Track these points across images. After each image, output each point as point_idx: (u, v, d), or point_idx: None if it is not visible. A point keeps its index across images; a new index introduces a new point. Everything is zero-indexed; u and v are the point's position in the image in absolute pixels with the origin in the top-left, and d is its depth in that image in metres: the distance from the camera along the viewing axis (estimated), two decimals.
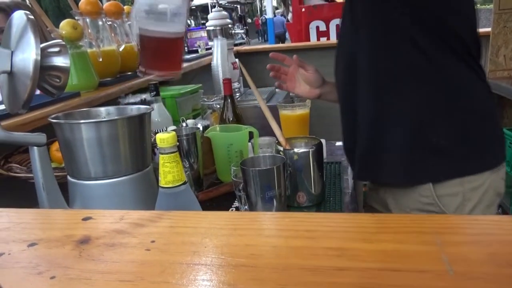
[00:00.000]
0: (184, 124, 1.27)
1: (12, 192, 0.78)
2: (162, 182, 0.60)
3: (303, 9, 4.54)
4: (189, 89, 1.49)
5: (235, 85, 2.23)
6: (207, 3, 15.45)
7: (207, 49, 3.08)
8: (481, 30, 2.63)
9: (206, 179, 1.21)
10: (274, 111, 2.21)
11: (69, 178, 0.69)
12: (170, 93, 1.42)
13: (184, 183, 0.61)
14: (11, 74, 0.58)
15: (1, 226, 0.37)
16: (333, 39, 4.35)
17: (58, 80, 0.60)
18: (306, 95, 1.22)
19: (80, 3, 1.36)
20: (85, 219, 0.37)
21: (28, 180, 0.79)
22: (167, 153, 0.59)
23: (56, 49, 0.60)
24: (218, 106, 1.55)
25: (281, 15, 8.71)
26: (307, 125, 1.43)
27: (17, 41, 0.57)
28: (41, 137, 0.62)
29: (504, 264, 0.25)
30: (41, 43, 0.57)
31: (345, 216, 0.33)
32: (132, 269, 0.29)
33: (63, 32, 1.21)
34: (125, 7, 1.59)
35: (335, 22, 4.41)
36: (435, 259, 0.26)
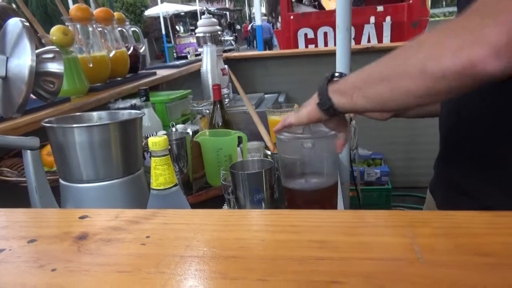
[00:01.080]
0: (174, 129, 1.29)
1: (3, 196, 0.79)
2: (154, 184, 0.62)
3: (292, 17, 4.60)
4: (178, 95, 1.51)
5: (225, 91, 2.25)
6: (196, 10, 15.51)
7: (196, 55, 3.11)
8: None
9: (195, 183, 1.22)
10: (263, 116, 2.24)
11: (61, 181, 0.71)
12: (160, 98, 1.44)
13: (175, 185, 0.63)
14: (6, 79, 0.59)
15: (0, 224, 0.39)
16: (321, 46, 4.42)
17: (52, 86, 0.62)
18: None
19: (70, 9, 1.38)
20: (81, 217, 0.39)
21: (19, 184, 0.80)
22: (159, 156, 0.61)
23: (51, 55, 0.61)
24: (208, 111, 1.57)
25: (267, 22, 8.79)
26: None
27: (13, 47, 0.59)
28: (35, 141, 0.63)
29: (469, 253, 0.28)
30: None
31: (328, 213, 0.36)
32: (129, 262, 0.31)
33: (54, 38, 1.22)
34: (115, 13, 1.61)
35: (323, 30, 4.49)
36: (407, 249, 0.29)
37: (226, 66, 2.34)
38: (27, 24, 0.57)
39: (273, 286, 0.26)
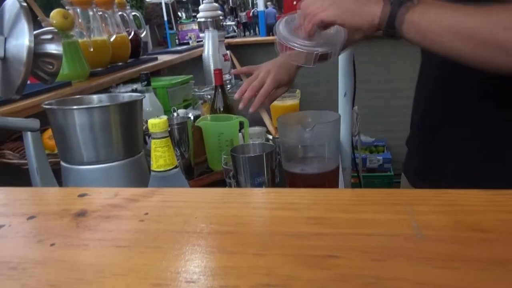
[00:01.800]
0: (175, 114, 1.29)
1: (5, 178, 0.79)
2: (154, 166, 0.62)
3: (295, 2, 4.55)
4: (180, 80, 1.51)
5: (226, 76, 2.24)
6: None
7: (198, 41, 3.09)
8: None
9: (197, 168, 1.22)
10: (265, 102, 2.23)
11: (62, 163, 0.71)
12: (161, 83, 1.44)
13: (175, 167, 0.63)
14: (4, 60, 0.59)
15: (3, 201, 0.39)
16: None
17: (51, 67, 0.62)
18: None
19: None
20: (81, 195, 0.39)
21: (21, 167, 0.81)
22: (158, 138, 0.61)
23: (49, 36, 0.61)
24: (209, 96, 1.56)
25: (273, 7, 8.71)
26: None
27: (10, 28, 0.58)
28: (35, 122, 0.63)
29: (465, 229, 0.28)
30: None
31: (327, 191, 0.36)
32: (127, 237, 0.31)
33: (54, 22, 1.21)
34: None
35: None
36: (405, 225, 0.29)
37: (228, 52, 2.33)
38: (25, 4, 0.57)
39: (270, 260, 0.26)
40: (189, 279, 0.25)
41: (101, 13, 1.44)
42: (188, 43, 3.17)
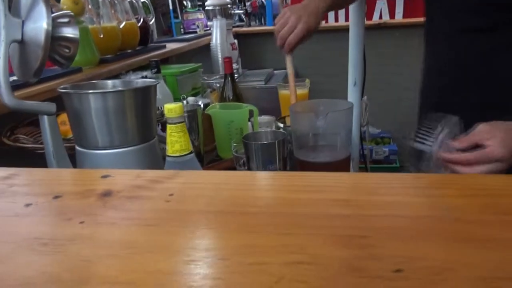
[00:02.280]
0: (185, 102, 1.29)
1: (20, 162, 0.80)
2: (170, 151, 0.62)
3: None
4: (189, 68, 1.50)
5: (234, 66, 2.23)
6: None
7: (205, 30, 3.07)
8: None
9: (206, 156, 1.23)
10: (273, 91, 2.22)
11: (77, 147, 0.71)
12: (170, 71, 1.43)
13: (191, 152, 0.64)
14: (22, 43, 0.59)
15: (21, 182, 0.40)
16: (332, 21, 4.33)
17: (67, 51, 0.62)
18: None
19: None
20: (104, 176, 0.39)
21: (35, 151, 0.81)
22: (174, 123, 0.61)
23: (66, 20, 0.61)
24: (218, 85, 1.56)
25: None
26: None
27: (28, 11, 0.58)
28: (51, 106, 0.64)
29: (491, 212, 0.28)
30: None
31: (350, 175, 0.36)
32: (154, 216, 0.31)
33: (64, 7, 1.21)
34: None
35: None
36: (433, 207, 0.29)
37: (235, 41, 2.32)
38: None
39: (299, 239, 0.26)
40: (221, 256, 0.25)
41: None
42: (193, 32, 3.16)
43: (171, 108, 0.60)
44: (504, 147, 0.59)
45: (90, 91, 0.68)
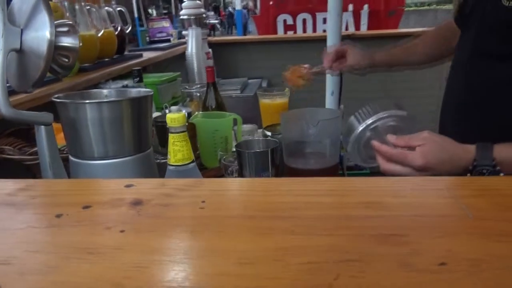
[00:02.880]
0: (167, 111, 1.28)
1: (5, 175, 0.77)
2: (172, 160, 0.63)
3: (271, 2, 4.59)
4: (169, 77, 1.50)
5: None
6: None
7: (167, 38, 3.07)
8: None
9: None
10: (249, 100, 2.25)
11: (71, 157, 0.70)
12: (151, 80, 1.42)
13: (193, 161, 0.64)
14: (20, 52, 0.58)
15: (43, 194, 0.39)
16: (300, 32, 4.44)
17: (66, 60, 0.61)
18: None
19: None
20: (127, 186, 0.39)
21: (23, 162, 0.79)
22: (177, 132, 0.62)
23: (65, 29, 0.60)
24: (198, 94, 1.56)
25: (244, 8, 8.78)
26: None
27: (28, 19, 0.57)
28: (49, 116, 0.62)
29: (504, 209, 0.31)
30: None
31: (364, 179, 0.38)
32: (193, 222, 0.32)
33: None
34: None
35: (302, 16, 4.50)
36: (454, 207, 0.32)
37: (210, 50, 2.33)
38: None
39: (340, 239, 0.28)
40: (274, 257, 0.27)
41: (88, 7, 1.41)
42: (159, 41, 3.16)
43: (174, 118, 0.61)
44: (424, 158, 0.62)
45: (87, 101, 0.67)
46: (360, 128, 0.74)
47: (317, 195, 0.35)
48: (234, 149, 1.21)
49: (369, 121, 0.73)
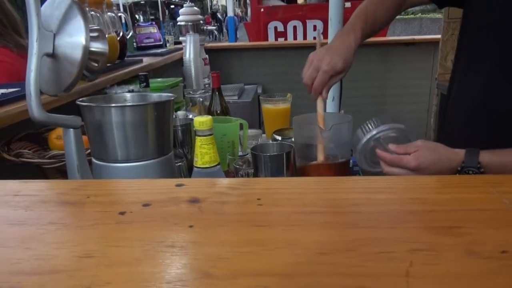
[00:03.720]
0: (174, 116, 1.29)
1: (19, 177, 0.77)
2: (199, 163, 0.64)
3: (262, 9, 4.64)
4: (172, 82, 1.51)
5: (205, 80, 2.26)
6: None
7: (157, 44, 3.08)
8: (431, 36, 2.88)
9: None
10: (247, 106, 2.27)
11: (94, 160, 0.71)
12: (155, 85, 1.43)
13: (218, 164, 0.66)
14: (53, 56, 0.59)
15: (98, 193, 0.40)
16: (291, 39, 4.50)
17: (96, 65, 0.62)
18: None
19: None
20: (178, 185, 0.41)
21: (42, 166, 0.79)
22: (205, 135, 0.63)
23: (95, 34, 0.61)
24: (201, 99, 1.58)
25: (236, 15, 8.85)
26: (288, 119, 1.51)
27: (61, 24, 0.58)
28: (77, 120, 0.63)
29: None
30: None
31: (405, 178, 0.41)
32: (259, 218, 0.34)
33: None
34: None
35: (292, 24, 4.56)
36: (498, 202, 0.34)
37: (207, 56, 2.35)
38: (76, 0, 0.57)
39: (404, 232, 0.30)
40: (347, 248, 0.29)
41: (92, 13, 1.41)
42: (146, 47, 3.17)
43: (202, 121, 0.62)
44: (417, 160, 0.72)
45: (113, 104, 0.68)
46: (365, 139, 0.83)
47: (371, 192, 0.37)
48: (240, 153, 1.23)
49: (373, 132, 0.82)
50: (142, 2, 16.10)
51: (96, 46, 0.62)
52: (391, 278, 0.25)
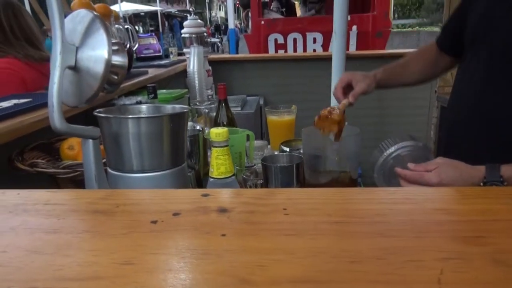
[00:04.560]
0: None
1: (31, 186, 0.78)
2: (215, 173, 0.66)
3: (262, 22, 4.70)
4: (178, 94, 1.54)
5: (209, 92, 2.29)
6: (157, 10, 15.30)
7: (157, 56, 3.10)
8: None
9: (204, 179, 1.25)
10: (250, 117, 2.29)
11: (109, 170, 0.72)
12: (163, 96, 1.45)
13: (233, 174, 0.67)
14: (75, 69, 0.60)
15: (126, 202, 0.42)
16: (290, 51, 4.55)
17: (116, 77, 0.64)
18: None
19: (72, 4, 1.36)
20: (204, 195, 0.42)
21: (57, 175, 0.80)
22: (221, 147, 0.65)
23: (116, 47, 0.63)
24: (206, 110, 1.60)
25: (236, 27, 8.96)
26: (292, 131, 1.52)
27: (83, 38, 0.60)
28: (96, 131, 0.65)
29: None
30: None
31: (424, 189, 0.42)
32: (285, 227, 0.35)
33: None
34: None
35: (292, 36, 4.61)
36: None
37: (210, 68, 2.38)
38: (98, 14, 0.59)
39: (428, 241, 0.32)
40: (377, 256, 0.30)
41: None
42: (146, 58, 3.20)
43: (218, 133, 0.64)
44: (438, 176, 0.72)
45: (130, 116, 0.70)
46: (384, 157, 0.83)
47: (393, 203, 0.39)
48: (247, 164, 1.24)
49: (391, 150, 0.84)
50: (142, 13, 16.22)
51: (117, 59, 0.63)
52: (423, 285, 0.26)
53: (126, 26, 1.74)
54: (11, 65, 1.30)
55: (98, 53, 0.58)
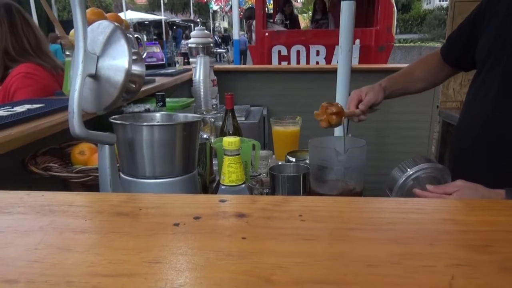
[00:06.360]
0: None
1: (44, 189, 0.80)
2: (226, 181, 0.67)
3: (266, 34, 4.76)
4: (185, 102, 1.56)
5: (213, 101, 2.31)
6: (161, 19, 15.46)
7: (161, 64, 3.13)
8: None
9: (209, 187, 1.27)
10: (254, 127, 2.31)
11: (122, 175, 0.74)
12: (170, 105, 1.48)
13: (244, 182, 0.69)
14: (95, 77, 0.63)
15: (148, 206, 0.43)
16: (294, 63, 4.61)
17: (134, 86, 0.66)
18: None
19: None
20: (221, 201, 0.44)
21: (69, 180, 0.82)
22: (233, 155, 0.67)
23: (135, 57, 0.66)
24: (213, 119, 1.62)
25: (244, 36, 9.04)
26: (297, 141, 1.54)
27: (104, 47, 0.63)
28: (113, 137, 0.67)
29: None
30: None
31: (429, 201, 0.44)
32: (303, 232, 0.37)
33: (73, 40, 1.23)
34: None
35: (296, 48, 4.67)
36: None
37: (215, 77, 2.41)
38: (120, 25, 0.62)
39: (439, 249, 0.34)
40: (392, 261, 0.32)
41: None
42: (151, 66, 3.23)
43: (231, 141, 0.66)
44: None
45: (145, 123, 0.72)
46: (404, 178, 0.85)
47: (403, 212, 0.40)
48: (252, 173, 1.26)
49: (411, 171, 0.85)
50: (146, 22, 16.35)
51: (135, 69, 0.66)
52: None
53: (135, 35, 1.77)
54: (34, 70, 1.33)
55: (118, 62, 0.61)
